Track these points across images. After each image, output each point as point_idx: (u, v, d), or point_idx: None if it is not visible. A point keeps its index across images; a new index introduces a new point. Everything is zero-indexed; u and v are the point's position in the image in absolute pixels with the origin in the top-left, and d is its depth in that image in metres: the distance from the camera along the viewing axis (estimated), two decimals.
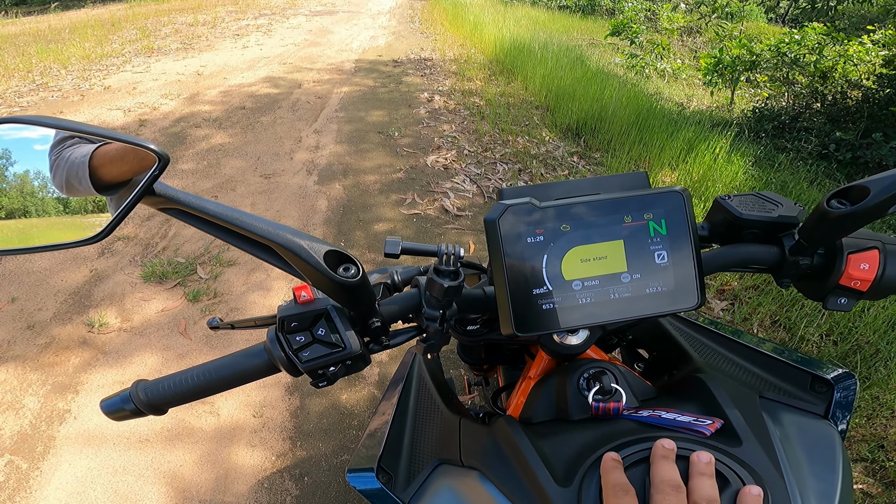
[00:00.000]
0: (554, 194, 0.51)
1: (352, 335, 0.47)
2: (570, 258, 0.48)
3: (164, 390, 0.47)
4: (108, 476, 1.50)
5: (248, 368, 0.48)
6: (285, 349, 0.46)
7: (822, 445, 0.52)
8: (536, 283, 0.48)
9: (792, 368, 0.61)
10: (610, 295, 0.49)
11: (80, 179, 0.44)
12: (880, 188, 0.45)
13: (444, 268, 0.49)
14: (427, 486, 0.53)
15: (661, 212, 0.49)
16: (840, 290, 0.53)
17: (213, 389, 0.48)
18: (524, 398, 0.61)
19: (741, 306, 2.15)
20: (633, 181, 0.53)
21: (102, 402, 0.48)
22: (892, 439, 1.62)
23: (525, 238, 0.48)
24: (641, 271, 0.49)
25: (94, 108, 4.42)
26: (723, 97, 5.78)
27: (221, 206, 0.45)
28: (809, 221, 0.51)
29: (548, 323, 0.49)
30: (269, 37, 7.89)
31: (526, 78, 5.27)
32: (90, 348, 1.93)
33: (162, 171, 0.42)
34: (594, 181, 0.53)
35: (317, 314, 0.47)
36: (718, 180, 3.05)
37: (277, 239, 0.44)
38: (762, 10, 11.82)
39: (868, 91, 4.30)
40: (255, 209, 2.88)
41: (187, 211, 0.45)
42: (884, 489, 1.50)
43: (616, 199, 0.49)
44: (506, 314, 0.48)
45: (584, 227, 0.48)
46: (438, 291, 0.49)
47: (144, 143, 0.42)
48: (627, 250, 0.49)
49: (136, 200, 0.43)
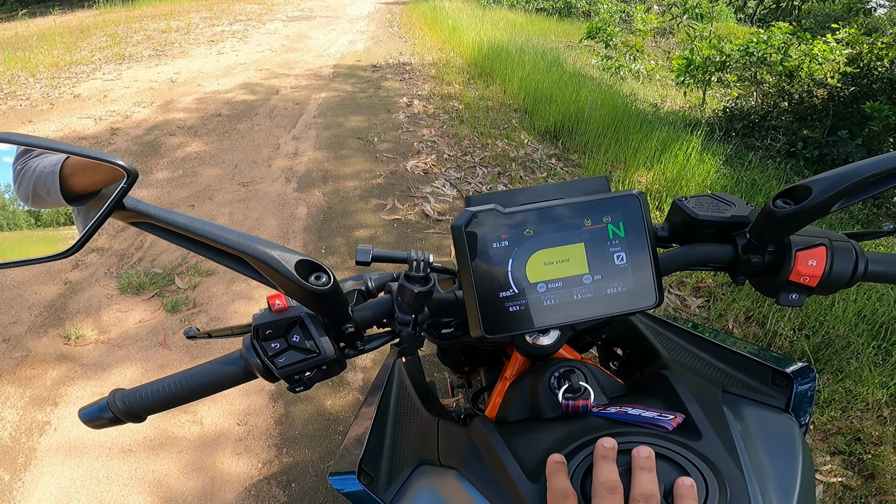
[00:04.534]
0: (518, 200, 0.53)
1: (326, 341, 0.49)
2: (535, 262, 0.50)
3: (141, 398, 0.48)
4: (92, 486, 1.49)
5: (225, 375, 0.49)
6: (261, 356, 0.48)
7: (781, 438, 0.53)
8: (503, 286, 0.50)
9: (754, 363, 0.63)
10: (573, 296, 0.51)
11: (49, 190, 0.43)
12: (822, 188, 0.48)
13: (415, 274, 0.51)
14: (408, 486, 0.54)
15: (618, 215, 0.51)
16: (791, 286, 0.55)
17: (190, 397, 0.49)
18: (500, 398, 0.63)
19: (716, 303, 2.22)
20: (593, 186, 0.55)
21: (80, 411, 0.49)
22: (868, 432, 1.67)
23: (491, 243, 0.49)
24: (602, 272, 0.51)
25: (64, 117, 4.32)
26: (695, 97, 5.92)
27: (192, 219, 0.46)
28: (758, 221, 0.54)
29: (515, 324, 0.51)
30: (245, 43, 7.81)
31: (504, 81, 5.33)
32: (68, 361, 1.89)
33: (131, 186, 0.42)
34: (557, 187, 0.55)
35: (291, 321, 0.48)
36: (691, 179, 3.13)
37: (248, 250, 0.45)
38: (731, 10, 12.14)
39: (833, 89, 4.42)
40: (234, 218, 2.86)
41: (158, 224, 0.45)
42: (863, 482, 1.53)
43: (576, 204, 0.51)
44: (474, 317, 0.50)
45: (546, 232, 0.50)
46: (409, 297, 0.51)
47: (112, 159, 0.41)
48: (588, 253, 0.51)
49: (105, 215, 0.43)
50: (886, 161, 0.47)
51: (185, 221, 0.45)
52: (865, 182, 0.47)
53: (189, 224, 0.45)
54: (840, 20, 10.42)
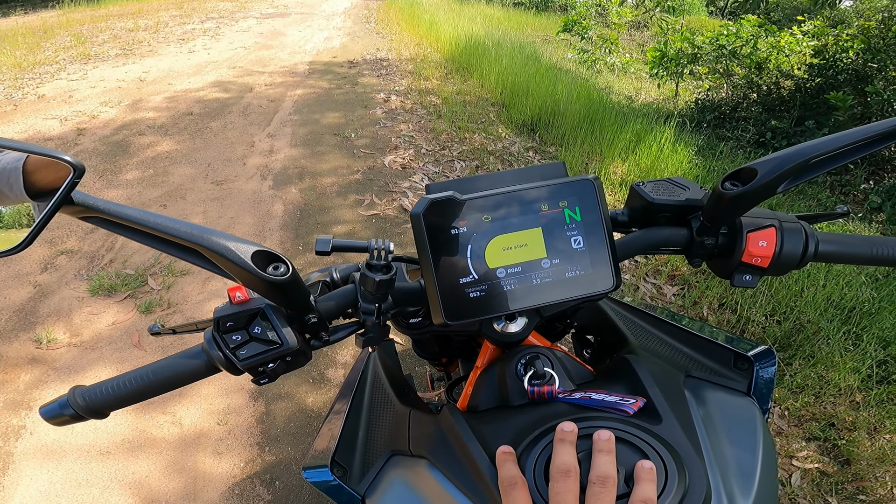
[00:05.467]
0: (477, 187, 0.53)
1: (288, 332, 0.48)
2: (493, 247, 0.50)
3: (102, 394, 0.47)
4: (72, 489, 1.46)
5: (188, 370, 0.49)
6: (222, 348, 0.47)
7: (742, 421, 0.54)
8: (462, 272, 0.50)
9: (717, 347, 0.64)
10: (532, 280, 0.51)
11: (12, 185, 0.43)
12: (767, 169, 0.49)
13: (376, 262, 0.51)
14: (381, 477, 0.55)
15: (574, 199, 0.51)
16: (744, 267, 0.56)
17: (152, 392, 0.48)
18: (471, 388, 0.63)
19: (691, 291, 2.27)
20: (551, 171, 0.55)
21: (41, 409, 0.48)
22: (842, 417, 1.70)
23: (449, 230, 0.49)
24: (560, 256, 0.52)
25: (28, 118, 4.18)
26: (668, 90, 6.02)
27: (144, 212, 0.45)
28: (709, 203, 0.55)
29: (476, 310, 0.51)
30: (218, 41, 7.65)
31: (482, 76, 5.34)
32: (40, 365, 1.85)
33: (77, 181, 0.41)
34: (515, 173, 0.55)
35: (252, 313, 0.48)
36: (665, 170, 3.19)
37: (203, 241, 0.45)
38: (703, 3, 12.37)
39: (800, 81, 4.53)
40: (208, 217, 2.81)
41: (108, 218, 0.44)
42: (839, 468, 1.56)
43: (532, 189, 0.51)
44: (435, 304, 0.50)
45: (504, 217, 0.50)
46: (371, 286, 0.51)
47: (57, 155, 0.41)
48: (546, 237, 0.51)
49: (53, 210, 0.42)
50: (828, 143, 0.49)
51: (137, 215, 0.44)
52: (808, 163, 0.49)
53: (141, 217, 0.44)
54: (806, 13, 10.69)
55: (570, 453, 0.42)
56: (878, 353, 1.90)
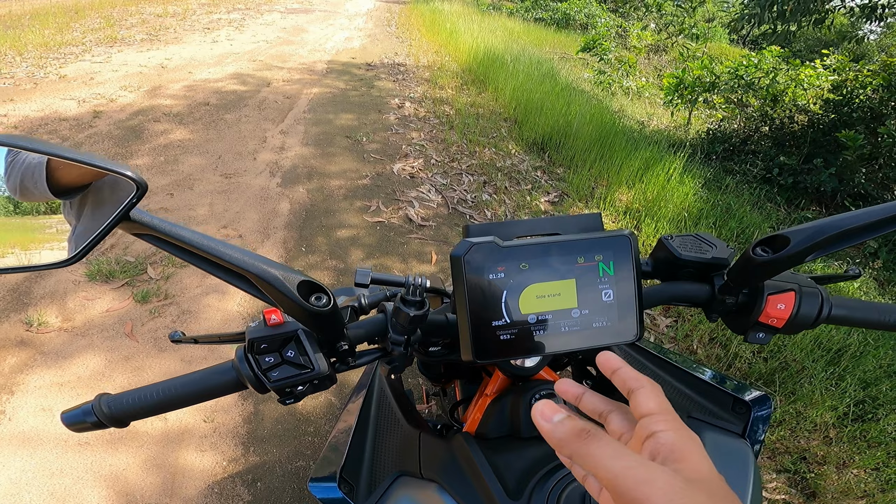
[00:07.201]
0: (515, 232, 0.55)
1: (320, 357, 0.50)
2: (528, 294, 0.52)
3: (127, 404, 0.48)
4: (45, 479, 1.46)
5: (216, 385, 0.50)
6: (254, 369, 0.48)
7: (736, 462, 0.57)
8: (496, 315, 0.51)
9: (717, 390, 0.66)
10: (561, 328, 0.53)
11: (36, 182, 0.43)
12: (799, 239, 0.51)
13: (411, 298, 0.53)
14: (387, 496, 0.56)
15: (609, 254, 0.53)
16: (759, 326, 0.58)
17: (177, 404, 0.50)
18: (480, 414, 0.65)
19: (683, 324, 2.27)
20: (588, 222, 0.57)
21: (63, 414, 0.49)
22: (814, 451, 1.73)
23: (487, 274, 0.51)
24: (590, 307, 0.53)
25: (46, 98, 4.24)
26: (681, 117, 6.02)
27: (197, 234, 0.46)
28: (737, 265, 0.57)
29: (504, 351, 0.52)
30: (241, 32, 7.74)
31: (497, 89, 5.37)
32: (28, 348, 1.86)
33: (140, 199, 0.42)
34: (553, 221, 0.57)
35: (286, 337, 0.49)
36: (670, 200, 3.19)
37: (253, 269, 0.46)
38: (726, 31, 12.38)
39: (814, 116, 4.50)
40: (213, 209, 2.84)
41: (163, 238, 0.46)
42: (804, 500, 1.59)
43: (570, 241, 0.53)
44: (466, 343, 0.52)
45: (541, 267, 0.52)
46: (405, 319, 0.53)
47: (123, 171, 0.41)
48: (579, 288, 0.53)
49: (111, 226, 0.43)
50: (860, 217, 0.50)
51: (191, 236, 0.46)
52: (841, 235, 0.50)
53: (194, 239, 0.46)
54: (831, 46, 10.63)
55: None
56: (858, 393, 1.92)
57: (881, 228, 0.51)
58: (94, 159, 0.42)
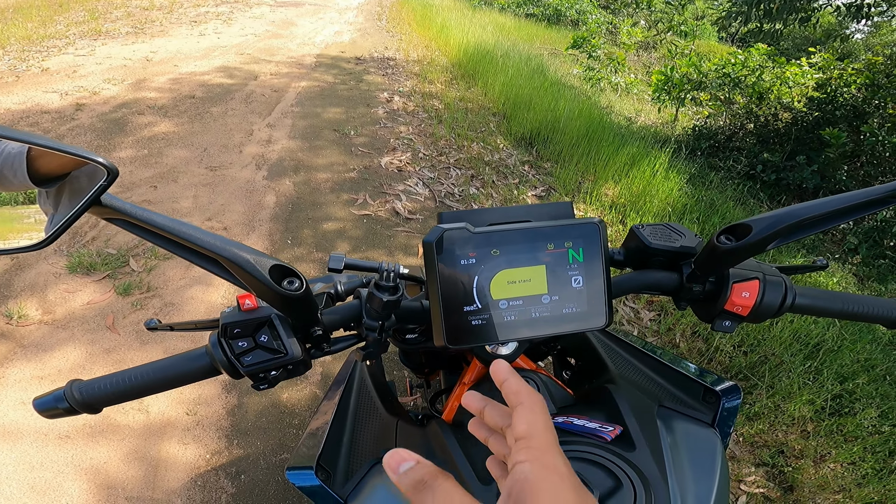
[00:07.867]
0: (488, 220, 0.56)
1: (293, 342, 0.50)
2: (499, 280, 0.53)
3: (99, 390, 0.48)
4: (24, 472, 1.45)
5: (189, 370, 0.50)
6: (227, 353, 0.49)
7: (704, 451, 0.58)
8: (467, 300, 0.52)
9: (688, 380, 0.67)
10: (531, 314, 0.54)
11: (16, 171, 0.43)
12: (761, 227, 0.52)
13: (385, 283, 0.53)
14: (364, 483, 0.57)
15: (579, 241, 0.54)
16: (725, 314, 0.60)
17: (150, 390, 0.50)
18: (458, 402, 0.66)
19: (666, 317, 2.30)
20: (559, 210, 0.58)
21: (35, 401, 0.49)
22: (792, 445, 1.76)
23: (459, 260, 0.52)
24: (560, 293, 0.54)
25: (28, 91, 4.16)
26: (668, 114, 6.07)
27: (169, 219, 0.46)
28: (702, 254, 0.58)
29: (476, 337, 0.53)
30: (229, 26, 7.64)
31: (486, 84, 5.36)
32: (7, 341, 1.84)
33: (110, 184, 0.42)
34: (525, 209, 0.58)
35: (260, 322, 0.50)
36: (655, 196, 3.22)
37: (224, 253, 0.46)
38: (715, 29, 12.47)
39: (798, 114, 4.56)
40: (198, 202, 2.81)
41: (134, 222, 0.45)
42: (782, 493, 1.61)
43: (541, 228, 0.53)
44: (439, 328, 0.53)
45: (511, 253, 0.53)
46: (378, 305, 0.53)
47: (93, 157, 0.41)
48: (549, 275, 0.54)
49: (81, 211, 0.43)
50: (821, 205, 0.51)
51: (162, 221, 0.46)
52: (801, 224, 0.51)
53: (166, 224, 0.46)
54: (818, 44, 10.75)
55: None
56: (835, 388, 1.95)
57: (841, 217, 0.52)
58: (66, 147, 0.42)
